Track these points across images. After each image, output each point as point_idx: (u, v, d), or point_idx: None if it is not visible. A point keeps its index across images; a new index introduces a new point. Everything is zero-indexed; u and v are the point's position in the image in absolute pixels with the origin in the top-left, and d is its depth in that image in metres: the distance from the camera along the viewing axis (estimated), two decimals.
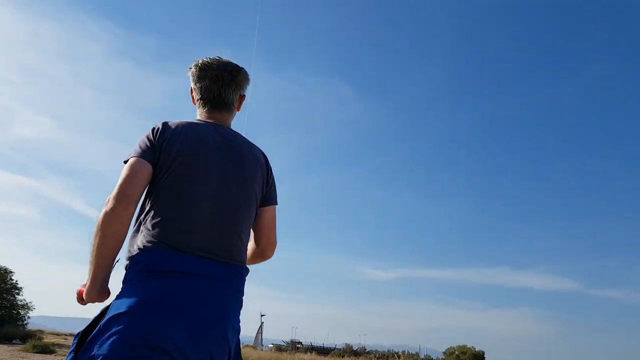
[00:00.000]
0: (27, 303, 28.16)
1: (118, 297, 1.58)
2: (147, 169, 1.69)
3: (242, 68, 2.02)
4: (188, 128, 1.81)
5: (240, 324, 1.70)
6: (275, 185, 1.99)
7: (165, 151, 1.72)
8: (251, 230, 1.90)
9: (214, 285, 1.61)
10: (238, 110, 2.05)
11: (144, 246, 1.61)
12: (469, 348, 35.84)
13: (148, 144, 1.74)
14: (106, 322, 1.50)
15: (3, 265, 27.60)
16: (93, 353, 1.45)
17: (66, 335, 40.93)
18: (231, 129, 1.96)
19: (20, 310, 27.82)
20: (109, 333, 1.46)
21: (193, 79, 1.99)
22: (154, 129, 1.78)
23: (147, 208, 1.70)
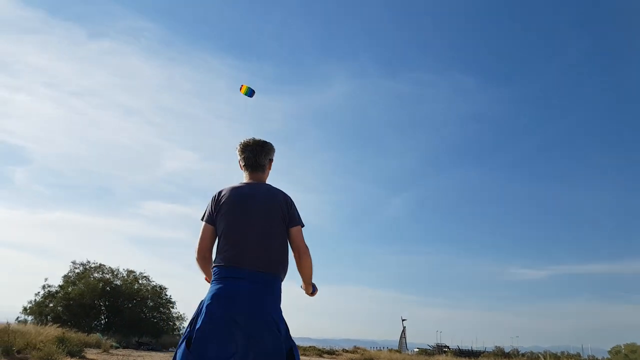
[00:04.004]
0: (181, 315, 30.09)
1: (207, 294, 2.66)
2: (210, 229, 2.84)
3: (269, 142, 3.03)
4: (231, 190, 2.85)
5: (279, 314, 2.61)
6: (294, 212, 2.83)
7: (218, 210, 2.80)
8: (287, 245, 2.82)
9: (252, 286, 2.60)
10: (269, 169, 3.05)
11: (215, 264, 2.72)
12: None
13: (209, 209, 2.85)
14: (201, 308, 2.60)
15: (159, 283, 29.86)
16: (194, 327, 2.51)
17: None
18: (261, 183, 2.94)
19: (175, 322, 29.76)
20: (201, 314, 2.54)
21: (238, 153, 3.02)
22: (213, 197, 2.87)
23: (217, 243, 2.80)
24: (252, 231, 2.69)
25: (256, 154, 2.94)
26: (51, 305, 26.26)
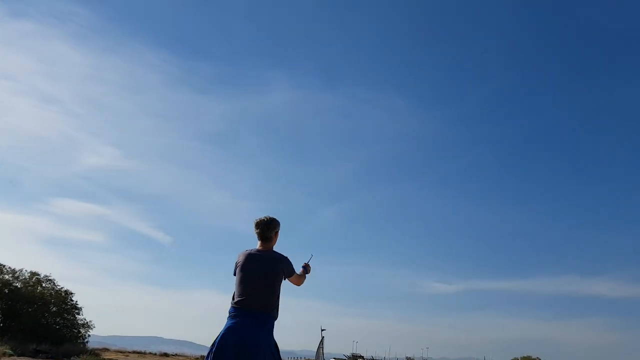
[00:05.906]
0: (87, 322, 29.12)
1: (224, 326, 3.95)
2: (235, 278, 4.17)
3: (275, 219, 4.29)
4: (245, 255, 4.15)
5: (271, 341, 3.92)
6: (290, 269, 4.22)
7: (237, 267, 4.13)
8: (278, 294, 4.16)
9: (252, 321, 3.90)
10: (276, 237, 4.30)
11: (231, 305, 4.02)
12: (534, 359, 34.97)
13: (234, 267, 4.16)
14: (219, 336, 3.88)
15: (64, 287, 28.75)
16: (212, 348, 3.82)
17: (129, 352, 41.65)
18: (268, 250, 4.21)
19: (80, 329, 28.73)
20: (218, 340, 3.84)
21: (254, 228, 4.23)
22: (236, 260, 4.18)
23: (234, 291, 4.11)
24: (255, 284, 4.02)
25: (264, 230, 4.22)
26: None
